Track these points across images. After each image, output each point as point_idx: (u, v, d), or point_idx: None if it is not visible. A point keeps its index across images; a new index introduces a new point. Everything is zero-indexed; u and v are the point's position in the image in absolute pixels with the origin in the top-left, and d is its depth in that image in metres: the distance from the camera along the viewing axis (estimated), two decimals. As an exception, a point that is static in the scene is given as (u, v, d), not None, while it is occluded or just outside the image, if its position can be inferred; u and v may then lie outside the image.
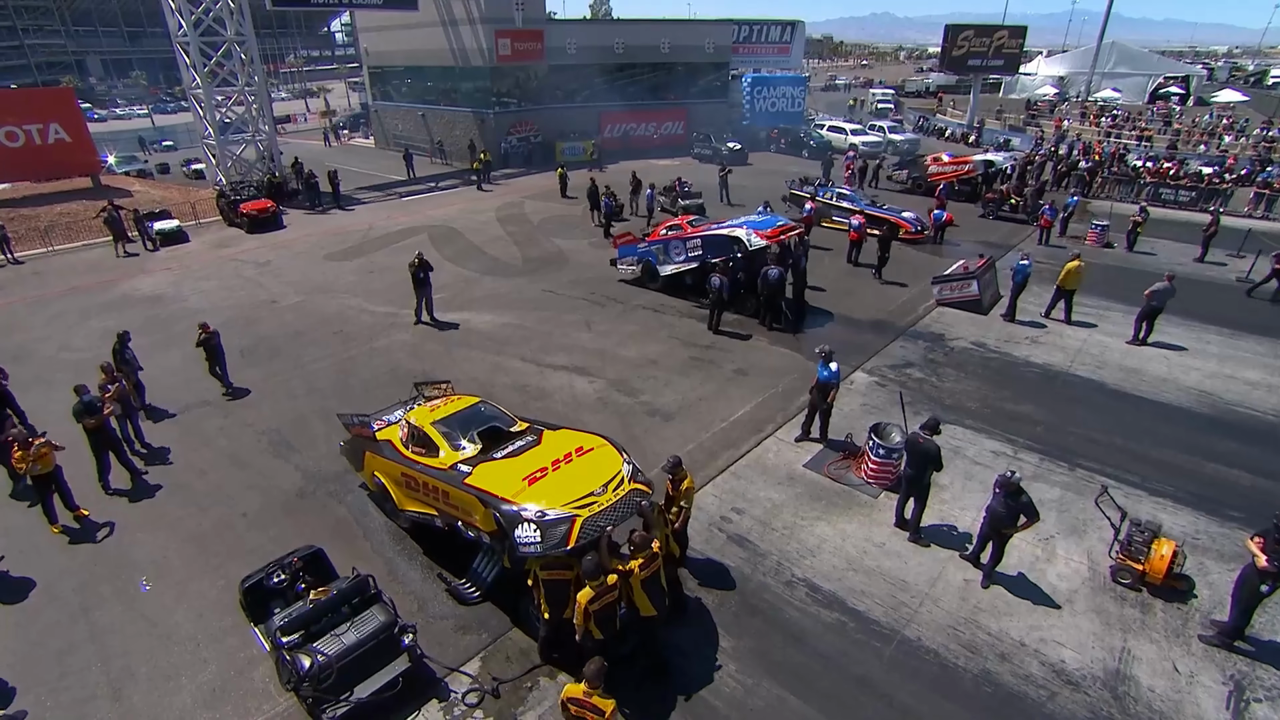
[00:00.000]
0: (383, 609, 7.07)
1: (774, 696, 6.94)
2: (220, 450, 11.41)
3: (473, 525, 7.27)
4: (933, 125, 47.00)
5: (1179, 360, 14.24)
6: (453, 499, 7.45)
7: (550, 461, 7.34)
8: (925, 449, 8.67)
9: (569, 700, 5.56)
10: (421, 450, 8.28)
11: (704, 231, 16.87)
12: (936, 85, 72.70)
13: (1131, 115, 42.20)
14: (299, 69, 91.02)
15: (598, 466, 7.29)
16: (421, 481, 7.95)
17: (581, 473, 7.19)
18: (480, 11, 32.86)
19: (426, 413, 8.80)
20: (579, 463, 7.37)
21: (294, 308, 17.31)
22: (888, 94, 60.70)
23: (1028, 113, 46.97)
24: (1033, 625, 7.79)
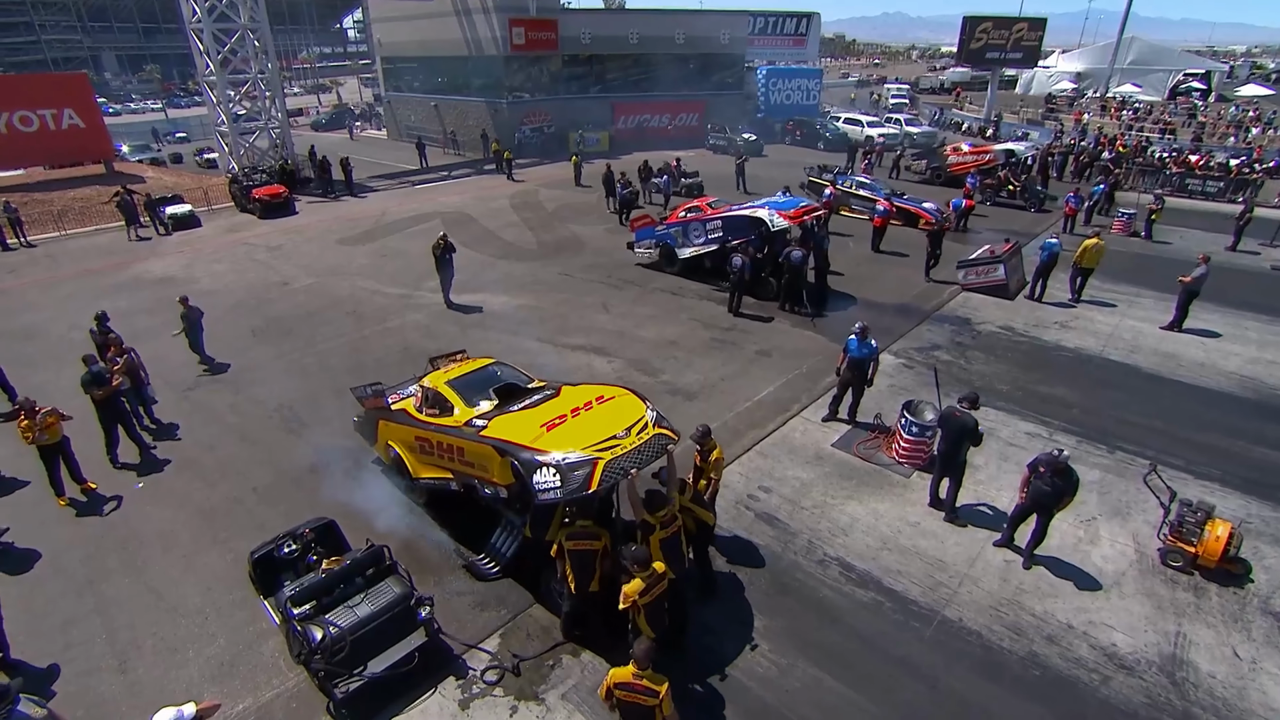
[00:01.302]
0: (398, 581, 6.74)
1: (810, 677, 6.57)
2: (230, 426, 11.14)
3: (489, 481, 6.92)
4: (949, 119, 46.36)
5: (1216, 346, 13.76)
6: (468, 455, 7.11)
7: (569, 409, 6.98)
8: (963, 422, 8.28)
9: (616, 686, 5.14)
10: (436, 411, 7.97)
11: (725, 213, 16.50)
12: (952, 82, 71.92)
13: (1154, 109, 41.44)
14: (312, 65, 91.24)
15: (619, 412, 6.92)
16: (436, 442, 7.61)
17: (602, 418, 6.82)
18: (494, 0, 32.60)
19: (440, 375, 8.50)
20: (599, 409, 7.00)
21: (306, 289, 17.07)
22: (903, 89, 60.03)
23: (1046, 107, 46.26)
24: (1079, 607, 7.38)
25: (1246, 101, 44.75)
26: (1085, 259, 15.62)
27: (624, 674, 5.11)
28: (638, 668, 5.07)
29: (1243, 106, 41.81)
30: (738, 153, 29.63)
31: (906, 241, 20.35)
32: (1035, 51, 42.49)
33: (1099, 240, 15.62)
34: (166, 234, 22.25)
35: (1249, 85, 53.18)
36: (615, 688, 5.12)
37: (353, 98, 68.11)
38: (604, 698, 5.26)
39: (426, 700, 6.41)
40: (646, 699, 5.07)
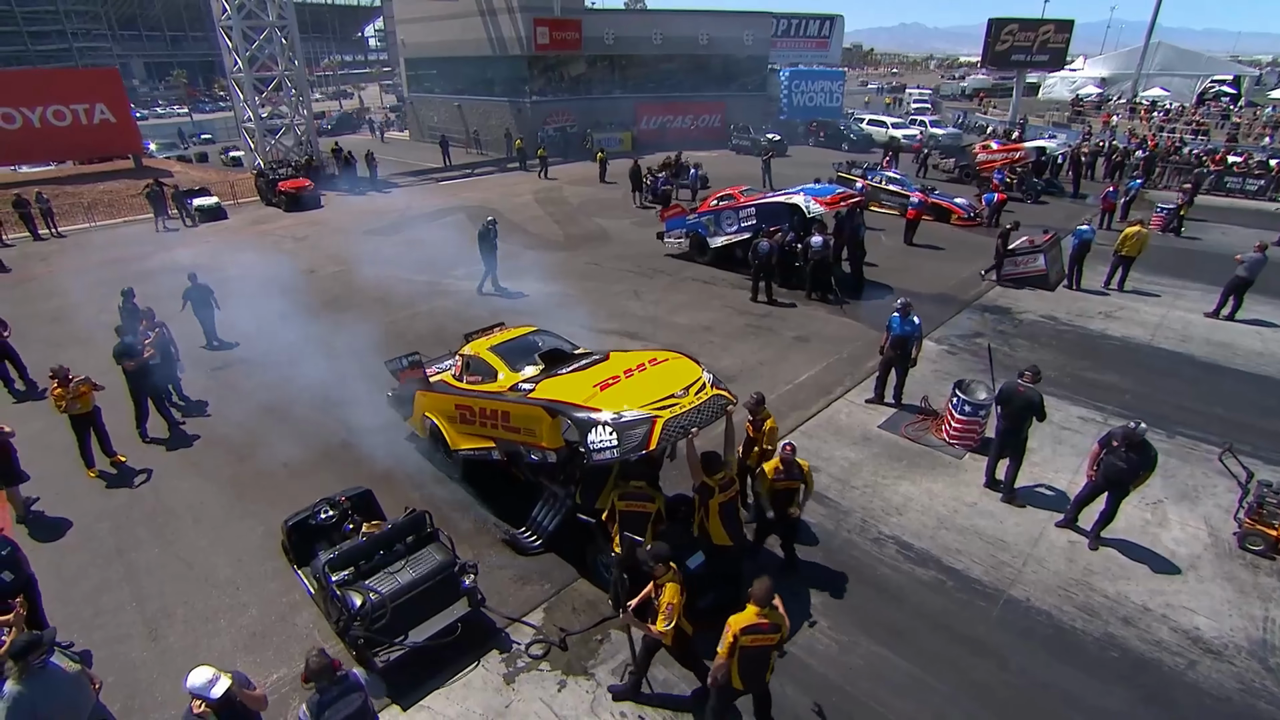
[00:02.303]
0: (440, 548, 6.45)
1: (873, 654, 6.21)
2: (259, 404, 10.94)
3: (537, 446, 6.61)
4: (973, 122, 45.84)
5: (1273, 335, 13.27)
6: (514, 419, 6.81)
7: (622, 370, 6.69)
8: (1027, 397, 7.90)
9: (742, 631, 4.76)
10: (478, 379, 7.71)
11: (758, 200, 16.21)
12: (974, 88, 71.40)
13: (1185, 110, 40.75)
14: (334, 71, 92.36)
15: (675, 373, 6.62)
16: (479, 409, 7.33)
17: (658, 378, 6.52)
18: (519, 0, 32.67)
19: (482, 343, 8.25)
20: (653, 371, 6.70)
21: (333, 276, 16.96)
22: (924, 93, 59.60)
23: (1073, 109, 45.65)
24: (1154, 590, 6.96)
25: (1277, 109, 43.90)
26: (1127, 247, 15.20)
27: (747, 617, 4.79)
28: (760, 606, 4.79)
29: (1279, 107, 40.97)
30: (764, 150, 29.39)
31: (939, 236, 20.03)
32: (1062, 54, 41.89)
33: (1141, 228, 15.20)
34: (194, 225, 22.29)
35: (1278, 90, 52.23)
36: (741, 634, 4.76)
37: (374, 103, 68.68)
38: (726, 653, 4.82)
39: (470, 673, 6.10)
40: (770, 638, 4.82)
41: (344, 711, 4.46)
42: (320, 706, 4.41)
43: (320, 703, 4.42)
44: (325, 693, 4.45)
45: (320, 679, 4.44)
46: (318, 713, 4.39)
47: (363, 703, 4.59)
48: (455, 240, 19.71)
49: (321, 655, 4.50)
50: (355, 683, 4.59)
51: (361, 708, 4.57)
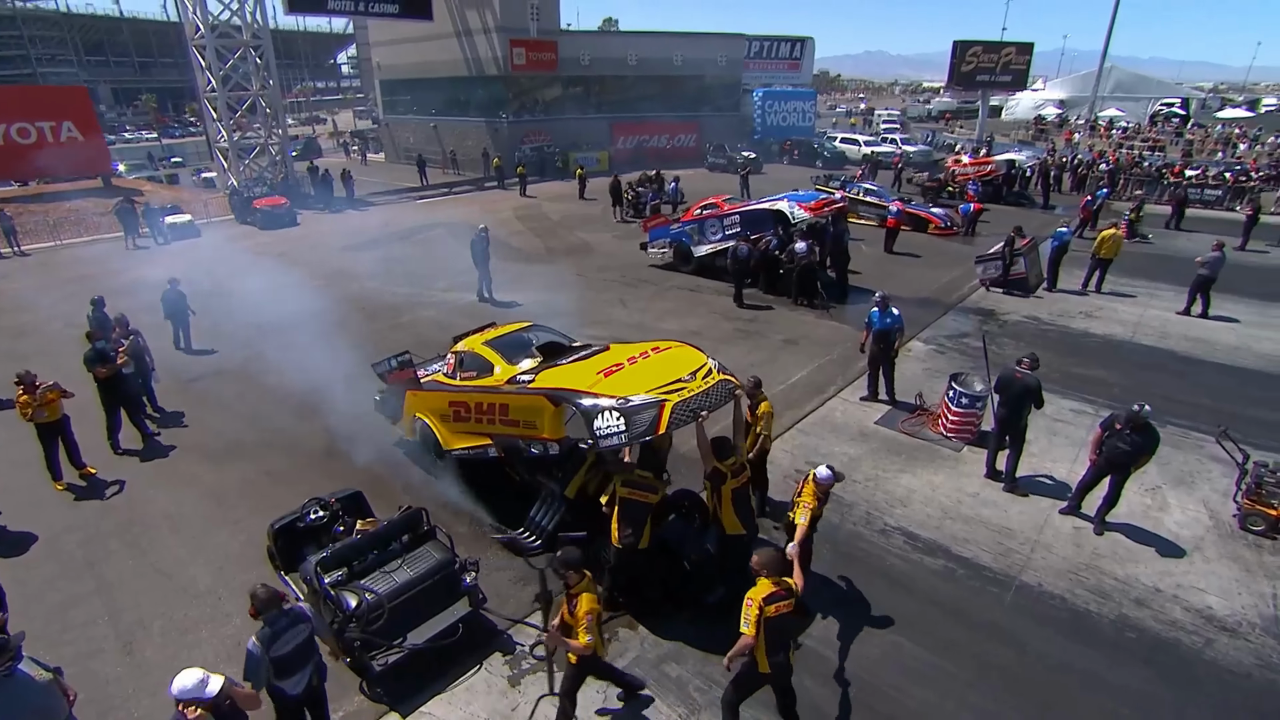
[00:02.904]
0: (439, 546, 6.14)
1: (889, 643, 6.03)
2: (238, 414, 10.54)
3: (537, 438, 6.36)
4: (942, 141, 46.87)
5: (1247, 332, 13.56)
6: (513, 411, 6.56)
7: (625, 358, 6.52)
8: (1025, 383, 7.88)
9: (765, 601, 4.53)
10: (472, 374, 7.46)
11: (743, 207, 16.26)
12: (940, 110, 73.35)
13: (1141, 128, 42.19)
14: (307, 99, 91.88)
15: (679, 360, 6.47)
16: (474, 404, 7.06)
17: (663, 364, 6.36)
18: (495, 20, 32.86)
19: (476, 338, 8.03)
20: (657, 358, 6.54)
21: (312, 290, 16.50)
22: (893, 114, 61.05)
23: (1036, 128, 47.00)
24: (1163, 571, 6.91)
25: (1229, 122, 45.68)
26: (1104, 249, 15.53)
27: (764, 587, 4.59)
28: (773, 574, 4.66)
29: (1228, 125, 42.62)
30: (742, 166, 29.73)
31: (917, 244, 20.28)
32: (1023, 75, 43.23)
33: (1116, 230, 15.59)
34: (166, 243, 21.70)
35: (1227, 110, 54.44)
36: (764, 603, 4.53)
37: (347, 127, 68.31)
38: (754, 630, 4.51)
39: (472, 677, 5.78)
40: (789, 603, 4.68)
41: (293, 641, 4.57)
42: (271, 637, 4.47)
43: (271, 634, 4.48)
44: (275, 623, 4.52)
45: (269, 609, 4.53)
46: (269, 643, 4.45)
47: (310, 634, 4.70)
48: (436, 255, 19.52)
49: (267, 587, 4.61)
50: (302, 614, 4.70)
51: (309, 638, 4.69)
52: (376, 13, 30.02)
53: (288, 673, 4.57)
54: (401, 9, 30.26)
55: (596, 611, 4.77)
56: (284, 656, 4.52)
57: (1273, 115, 51.63)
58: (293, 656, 4.56)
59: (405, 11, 30.62)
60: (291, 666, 4.58)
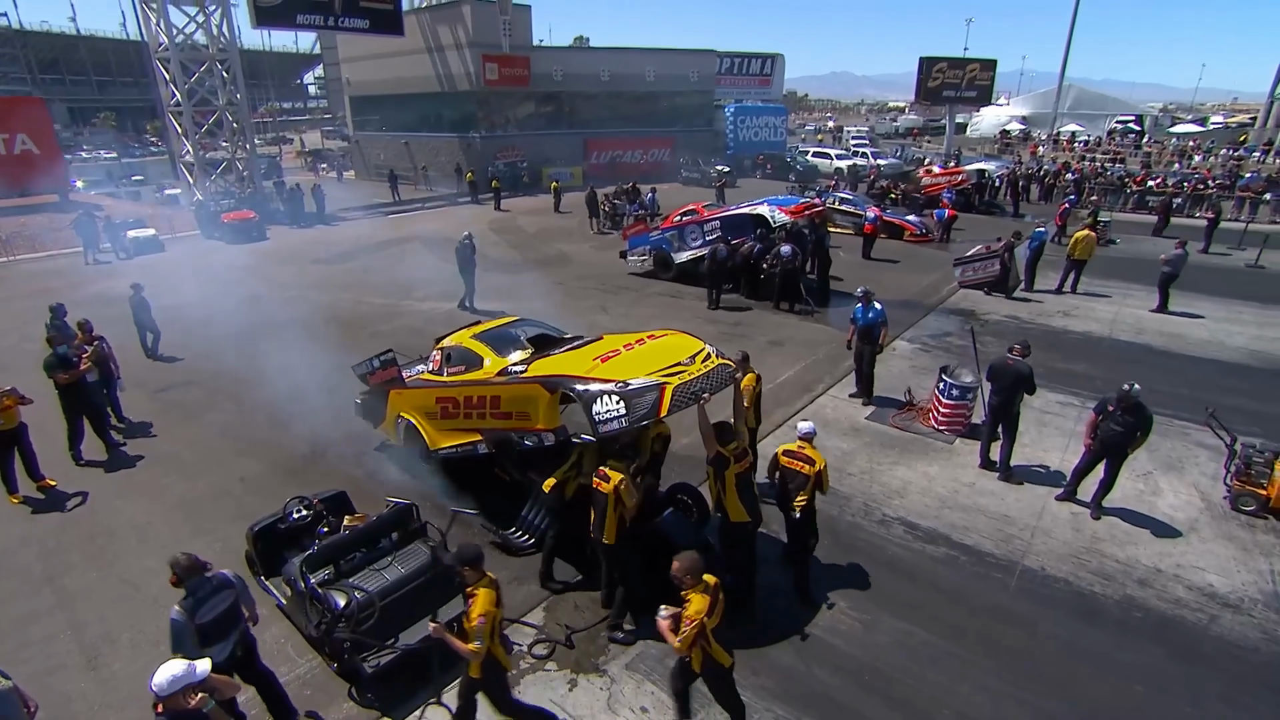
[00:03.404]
0: (431, 543, 5.91)
1: (898, 631, 5.93)
2: (209, 423, 10.17)
3: (531, 430, 6.19)
4: (911, 155, 47.86)
5: (1218, 327, 13.93)
6: (505, 403, 6.38)
7: (621, 345, 6.41)
8: (1016, 370, 7.95)
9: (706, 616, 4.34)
10: (461, 368, 7.26)
11: (723, 212, 16.31)
12: (906, 127, 75.16)
13: (1102, 141, 43.65)
14: (273, 119, 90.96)
15: (676, 345, 6.39)
16: (464, 399, 6.86)
17: (660, 350, 6.28)
18: (467, 36, 32.83)
19: (464, 333, 7.85)
20: (653, 344, 6.46)
21: (283, 301, 16.17)
22: (862, 131, 62.42)
23: (1002, 142, 48.34)
24: (1162, 552, 6.95)
25: (1182, 136, 47.54)
26: (1078, 251, 15.90)
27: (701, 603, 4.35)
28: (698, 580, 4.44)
29: (1181, 139, 44.32)
30: (717, 178, 30.04)
31: (894, 250, 20.57)
32: (988, 91, 44.52)
33: (1090, 232, 15.95)
34: (128, 258, 21.06)
35: (1180, 125, 56.68)
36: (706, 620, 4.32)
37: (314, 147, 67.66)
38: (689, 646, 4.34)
39: (468, 677, 5.52)
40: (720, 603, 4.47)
41: (218, 608, 4.51)
42: (195, 605, 4.42)
43: (194, 601, 4.43)
44: (197, 590, 4.47)
45: (191, 576, 4.48)
46: (193, 610, 4.40)
47: (235, 600, 4.64)
48: (412, 266, 19.27)
49: (188, 555, 4.57)
50: (225, 580, 4.64)
51: (234, 605, 4.63)
52: (347, 27, 29.72)
53: (211, 640, 4.50)
54: (372, 24, 30.03)
55: (494, 615, 4.38)
56: (208, 624, 4.46)
57: (1221, 130, 53.90)
58: (217, 624, 4.50)
59: (376, 27, 30.39)
60: (215, 634, 4.51)
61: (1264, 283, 17.29)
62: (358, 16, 29.18)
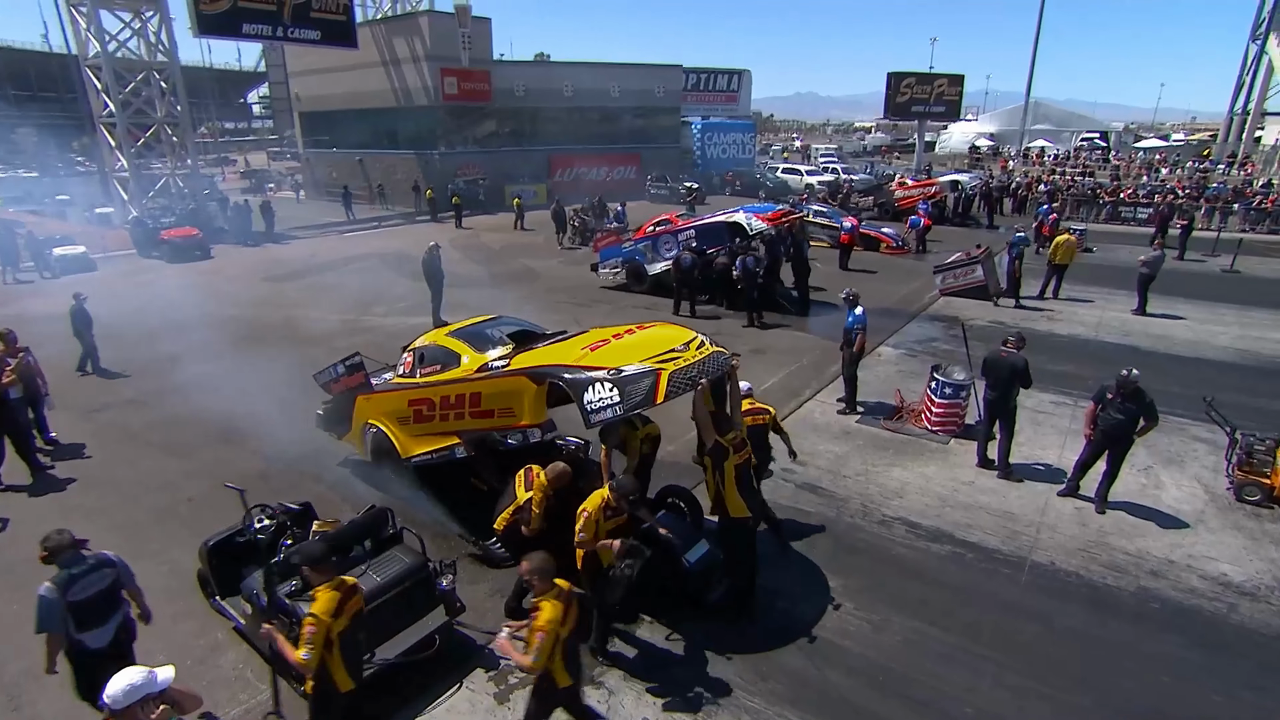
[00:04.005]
0: (408, 550, 5.69)
1: (911, 629, 5.86)
2: (152, 443, 9.74)
3: (515, 427, 6.04)
4: (882, 171, 49.18)
5: (1202, 328, 14.44)
6: (486, 399, 6.23)
7: (610, 335, 6.35)
8: (1011, 362, 8.08)
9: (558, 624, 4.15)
10: (437, 367, 7.08)
11: (698, 221, 16.45)
12: (874, 146, 77.44)
13: (1071, 156, 45.45)
14: (215, 139, 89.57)
15: (667, 335, 6.35)
16: (440, 399, 6.68)
17: (651, 339, 6.24)
18: (425, 49, 32.92)
19: (438, 332, 7.69)
20: (643, 334, 6.43)
21: (232, 319, 15.75)
22: (831, 149, 64.06)
23: (972, 157, 49.99)
24: (1173, 544, 7.04)
25: (1149, 150, 49.83)
26: (1059, 255, 16.38)
27: (554, 610, 4.15)
28: (547, 582, 4.29)
29: (1148, 153, 46.42)
30: (688, 192, 30.43)
31: (871, 262, 20.98)
32: (956, 106, 46.13)
33: (1070, 236, 16.47)
34: (54, 278, 20.31)
35: (1146, 140, 59.50)
36: (560, 629, 4.15)
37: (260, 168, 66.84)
38: (544, 661, 4.13)
39: (453, 696, 5.29)
40: (575, 610, 4.35)
41: (95, 586, 4.33)
42: (69, 581, 4.25)
43: (69, 578, 4.26)
44: (72, 565, 4.31)
45: (61, 554, 4.31)
46: (65, 586, 4.24)
47: (115, 579, 4.48)
48: (371, 282, 19.15)
49: (61, 532, 4.41)
50: (105, 559, 4.48)
51: (113, 585, 4.46)
52: (296, 39, 29.51)
53: (89, 623, 4.30)
54: (324, 36, 29.88)
55: (323, 627, 4.07)
56: (83, 603, 4.25)
57: (1185, 146, 56.77)
58: (94, 604, 4.31)
59: (328, 39, 30.23)
60: (93, 616, 4.30)
61: (1240, 286, 18.05)
62: (308, 27, 29.01)
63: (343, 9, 29.86)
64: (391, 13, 37.36)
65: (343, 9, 29.86)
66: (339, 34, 30.33)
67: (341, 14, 29.92)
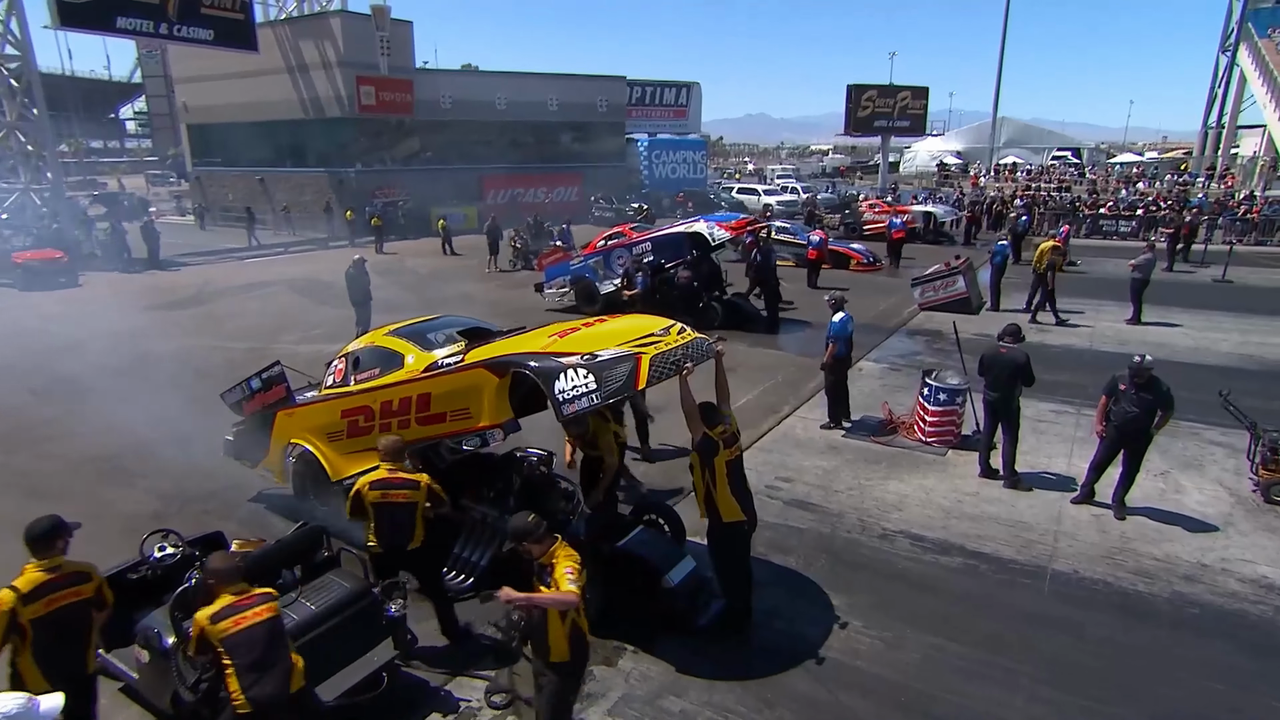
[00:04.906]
0: (347, 574, 5.42)
1: (929, 646, 5.85)
2: (24, 488, 9.12)
3: (473, 429, 5.87)
4: (845, 192, 50.82)
5: (1201, 335, 15.28)
6: (437, 400, 6.03)
7: (580, 324, 6.33)
8: (1012, 358, 8.34)
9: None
10: (376, 370, 6.87)
11: (656, 233, 16.66)
12: (834, 167, 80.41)
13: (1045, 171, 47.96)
14: (79, 157, 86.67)
15: (641, 322, 6.35)
16: (381, 405, 6.44)
17: (625, 326, 6.23)
18: (338, 54, 32.84)
19: (376, 332, 7.53)
20: (615, 322, 6.46)
21: (110, 350, 15.02)
22: (788, 169, 66.20)
23: (940, 175, 52.26)
24: (1203, 547, 7.27)
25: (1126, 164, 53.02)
26: (1043, 263, 17.00)
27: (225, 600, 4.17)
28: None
29: (1125, 166, 49.40)
30: (638, 212, 30.98)
31: (842, 279, 21.55)
32: (922, 120, 48.42)
33: (1055, 242, 17.22)
34: None
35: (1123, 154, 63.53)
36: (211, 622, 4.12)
37: (137, 193, 65.07)
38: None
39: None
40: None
41: None
42: None
43: None
44: None
45: None
46: None
47: None
48: (280, 309, 18.98)
49: None
50: None
51: None
52: (185, 38, 28.71)
53: None
54: (218, 36, 29.33)
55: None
56: None
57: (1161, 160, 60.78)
58: None
59: (223, 40, 29.75)
60: None
61: (1234, 295, 19.29)
62: (199, 25, 28.44)
63: (240, 6, 29.66)
64: (298, 12, 37.25)
65: (240, 6, 29.66)
66: (236, 35, 30.05)
67: (239, 11, 29.66)
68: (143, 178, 78.12)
